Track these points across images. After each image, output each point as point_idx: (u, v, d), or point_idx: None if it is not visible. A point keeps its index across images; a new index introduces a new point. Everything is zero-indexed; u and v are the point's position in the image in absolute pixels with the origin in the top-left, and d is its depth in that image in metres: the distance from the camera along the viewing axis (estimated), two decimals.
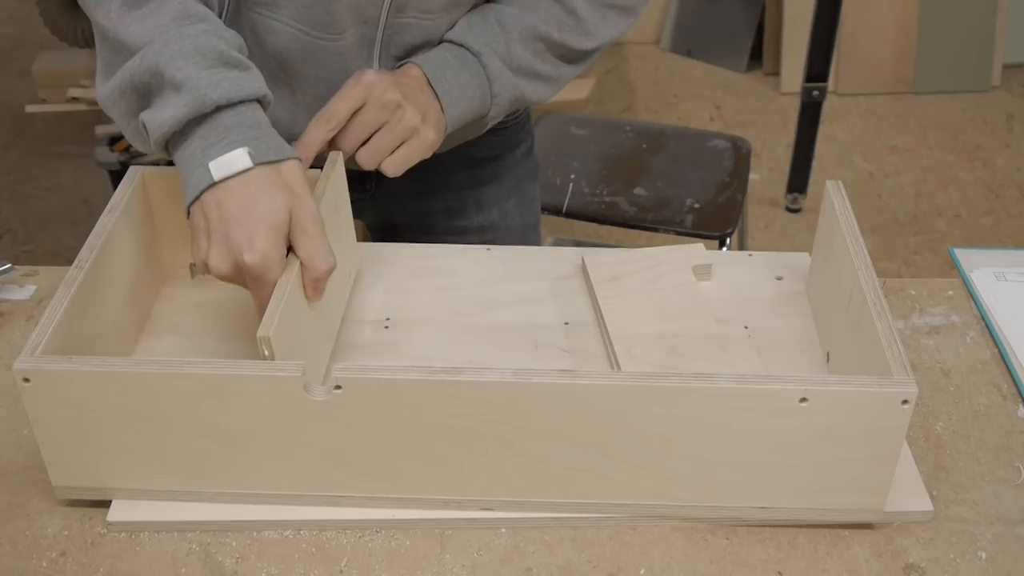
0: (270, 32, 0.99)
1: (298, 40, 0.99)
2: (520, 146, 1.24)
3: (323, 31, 0.99)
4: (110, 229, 0.89)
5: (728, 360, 0.91)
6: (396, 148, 0.97)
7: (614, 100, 3.29)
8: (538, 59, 1.06)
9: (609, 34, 1.08)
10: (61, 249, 2.64)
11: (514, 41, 1.03)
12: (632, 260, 1.02)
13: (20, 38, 3.62)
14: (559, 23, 1.05)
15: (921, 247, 2.66)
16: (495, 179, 1.22)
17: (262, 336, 0.76)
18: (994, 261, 1.10)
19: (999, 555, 0.81)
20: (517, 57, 1.04)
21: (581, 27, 1.06)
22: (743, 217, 2.04)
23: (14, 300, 1.03)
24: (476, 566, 0.80)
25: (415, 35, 1.02)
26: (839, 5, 2.47)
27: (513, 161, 1.23)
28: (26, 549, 0.81)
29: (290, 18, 0.98)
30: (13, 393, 0.91)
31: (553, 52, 1.06)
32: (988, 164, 2.98)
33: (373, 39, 1.01)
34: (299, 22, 0.98)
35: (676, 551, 0.81)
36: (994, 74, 3.29)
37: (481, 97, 1.03)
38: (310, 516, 0.82)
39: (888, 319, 0.80)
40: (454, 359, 0.93)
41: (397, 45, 1.02)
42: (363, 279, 1.02)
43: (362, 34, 1.00)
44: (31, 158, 3.01)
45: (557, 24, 1.05)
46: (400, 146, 0.97)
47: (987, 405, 0.94)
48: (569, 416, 0.76)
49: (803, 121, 2.65)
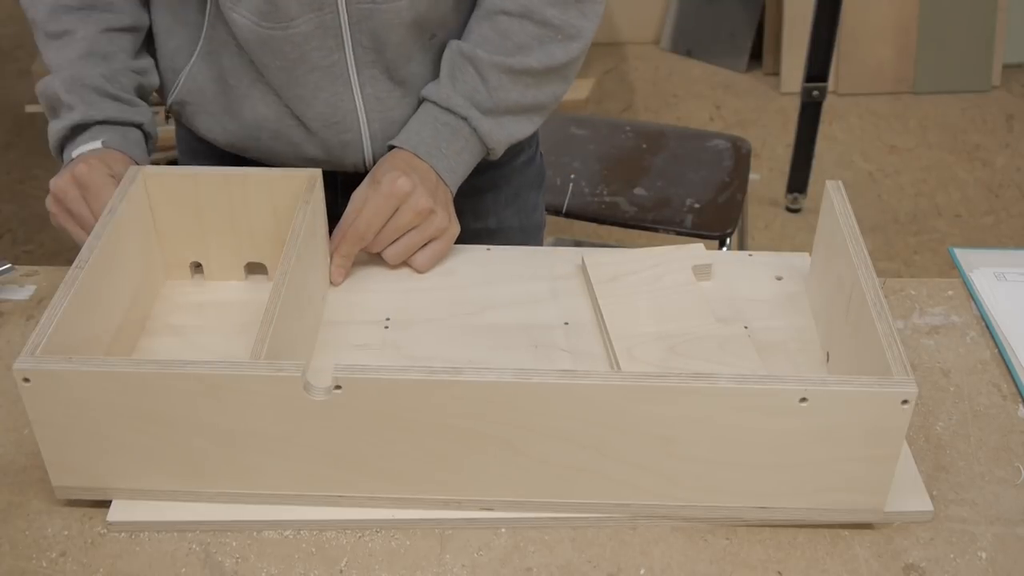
0: (234, 26, 1.02)
1: (254, 32, 1.01)
2: (521, 154, 1.24)
3: (271, 20, 1.00)
4: (110, 229, 0.89)
5: (728, 360, 0.91)
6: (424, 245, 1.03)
7: (614, 100, 3.29)
8: (523, 93, 1.05)
9: (590, 25, 1.05)
10: (61, 249, 2.64)
11: (495, 88, 1.03)
12: (632, 260, 1.02)
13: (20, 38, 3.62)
14: (538, 40, 1.03)
15: (921, 247, 2.66)
16: (493, 187, 1.21)
17: None
18: (994, 261, 1.10)
19: (999, 555, 0.81)
20: (502, 101, 1.04)
21: (561, 34, 1.04)
22: (743, 217, 2.04)
23: (14, 300, 1.03)
24: (476, 566, 0.80)
25: (379, 22, 1.02)
26: (839, 5, 2.47)
27: (512, 170, 1.23)
28: (26, 549, 0.81)
29: (246, 10, 1.00)
30: (13, 393, 0.91)
31: (536, 78, 1.05)
32: (988, 164, 2.98)
33: (337, 26, 1.01)
34: (252, 13, 1.00)
35: (676, 551, 0.81)
36: (994, 74, 3.29)
37: (477, 154, 1.07)
38: (310, 516, 0.82)
39: (888, 319, 0.80)
40: (454, 359, 0.93)
41: (366, 34, 1.02)
42: (363, 279, 1.03)
43: (320, 22, 1.01)
44: (31, 158, 3.01)
45: (537, 42, 1.03)
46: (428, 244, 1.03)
47: (987, 405, 0.94)
48: (569, 416, 0.76)
49: (803, 121, 2.65)
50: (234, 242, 0.99)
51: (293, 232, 0.90)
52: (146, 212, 0.97)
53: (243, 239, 0.99)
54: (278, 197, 0.96)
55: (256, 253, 1.00)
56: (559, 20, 1.03)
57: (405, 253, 1.02)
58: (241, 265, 1.01)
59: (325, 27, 1.01)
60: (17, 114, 3.08)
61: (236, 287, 1.01)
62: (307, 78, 1.04)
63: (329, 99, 1.05)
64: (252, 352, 0.78)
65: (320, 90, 1.05)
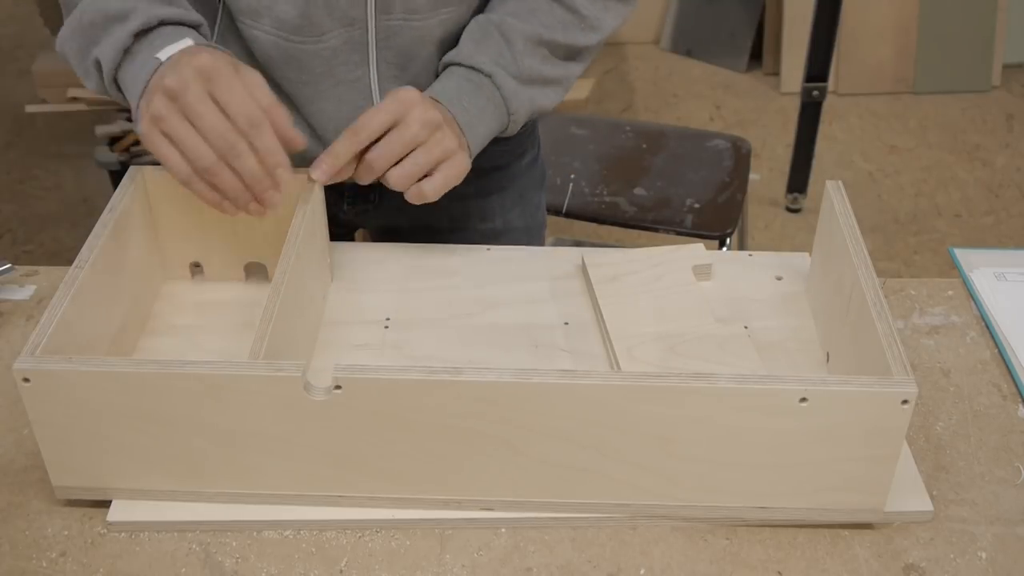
0: (254, 41, 1.00)
1: (278, 47, 1.00)
2: (525, 155, 1.24)
3: (302, 35, 0.99)
4: (110, 229, 0.89)
5: (728, 360, 0.91)
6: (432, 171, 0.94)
7: (614, 100, 3.29)
8: (547, 65, 1.05)
9: (613, 23, 1.07)
10: (61, 249, 2.64)
11: (521, 53, 1.02)
12: (632, 260, 1.02)
13: (20, 38, 3.62)
14: (563, 23, 1.04)
15: (921, 247, 2.66)
16: (500, 189, 1.21)
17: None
18: (994, 261, 1.10)
19: (999, 555, 0.81)
20: (527, 68, 1.03)
21: (585, 23, 1.05)
22: (743, 217, 2.04)
23: (14, 300, 1.03)
24: (476, 566, 0.80)
25: (407, 38, 1.01)
26: (839, 5, 2.47)
27: (518, 171, 1.23)
28: (26, 549, 0.81)
29: (271, 26, 0.98)
30: (13, 393, 0.91)
31: (559, 54, 1.06)
32: (988, 164, 2.98)
33: (364, 42, 1.01)
34: (279, 29, 0.98)
35: (676, 551, 0.81)
36: (994, 74, 3.29)
37: (499, 117, 1.02)
38: (310, 516, 0.82)
39: (888, 319, 0.80)
40: (454, 359, 0.93)
41: (392, 50, 1.02)
42: (363, 279, 1.02)
43: (349, 37, 1.00)
44: (31, 158, 3.01)
45: (561, 25, 1.04)
46: (437, 168, 0.94)
47: (987, 405, 0.94)
48: (569, 416, 0.76)
49: (803, 121, 2.65)
50: (234, 242, 0.99)
51: (293, 232, 0.90)
52: (146, 212, 0.97)
53: (243, 239, 0.99)
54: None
55: (256, 253, 1.00)
56: (587, 10, 1.04)
57: (411, 175, 0.93)
58: (241, 265, 1.01)
59: (353, 42, 1.00)
60: (17, 114, 3.08)
61: (236, 287, 1.01)
62: (331, 92, 1.03)
63: (349, 113, 1.03)
64: (251, 352, 0.78)
65: (342, 104, 1.04)
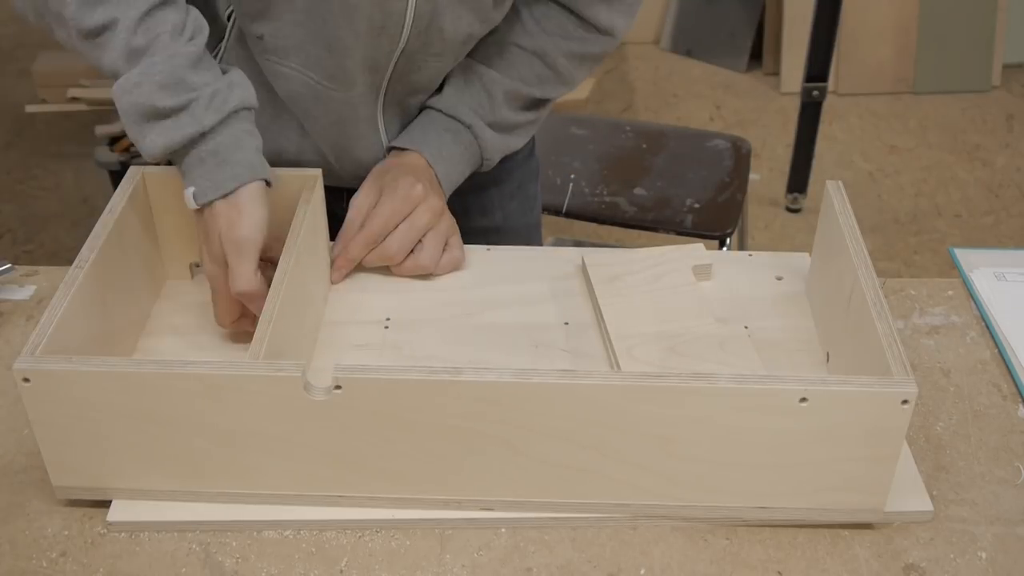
0: (278, 76, 1.02)
1: (308, 87, 1.02)
2: (522, 149, 1.24)
3: (335, 83, 1.01)
4: (110, 229, 0.89)
5: (728, 360, 0.91)
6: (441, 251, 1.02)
7: (614, 100, 3.29)
8: (520, 114, 1.11)
9: (582, 77, 1.14)
10: (61, 249, 2.64)
11: (500, 105, 1.08)
12: (632, 260, 1.02)
13: (20, 38, 3.62)
14: (540, 78, 1.09)
15: (921, 247, 2.66)
16: (497, 182, 1.22)
17: None
18: (994, 261, 1.10)
19: (999, 555, 0.81)
20: (503, 118, 1.09)
21: (560, 79, 1.11)
22: (743, 217, 2.04)
23: (14, 300, 1.03)
24: (476, 566, 0.80)
25: (423, 75, 1.05)
26: (839, 5, 2.47)
27: (515, 164, 1.24)
28: (26, 549, 0.81)
29: (301, 66, 1.00)
30: (13, 393, 0.91)
31: (531, 105, 1.12)
32: (988, 164, 2.98)
33: (380, 84, 1.04)
34: (310, 70, 1.01)
35: (676, 551, 0.81)
36: (994, 74, 3.29)
37: (473, 163, 1.09)
38: (310, 516, 0.82)
39: (888, 319, 0.80)
40: (454, 359, 0.93)
41: (404, 84, 1.05)
42: (363, 279, 1.03)
43: (371, 82, 1.03)
44: (31, 158, 3.01)
45: (538, 80, 1.09)
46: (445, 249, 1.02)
47: (987, 405, 0.94)
48: (569, 416, 0.76)
49: (803, 121, 2.65)
50: None
51: (293, 232, 0.90)
52: (146, 212, 0.97)
53: None
54: (278, 197, 0.96)
55: None
56: (563, 68, 1.10)
57: (431, 260, 1.01)
58: None
59: (372, 86, 1.04)
60: (17, 114, 3.08)
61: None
62: (349, 130, 1.06)
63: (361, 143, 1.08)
64: (251, 352, 0.78)
65: (360, 138, 1.07)
